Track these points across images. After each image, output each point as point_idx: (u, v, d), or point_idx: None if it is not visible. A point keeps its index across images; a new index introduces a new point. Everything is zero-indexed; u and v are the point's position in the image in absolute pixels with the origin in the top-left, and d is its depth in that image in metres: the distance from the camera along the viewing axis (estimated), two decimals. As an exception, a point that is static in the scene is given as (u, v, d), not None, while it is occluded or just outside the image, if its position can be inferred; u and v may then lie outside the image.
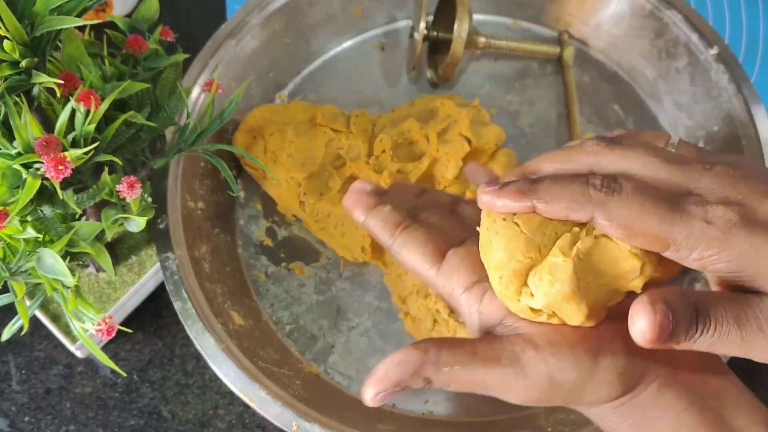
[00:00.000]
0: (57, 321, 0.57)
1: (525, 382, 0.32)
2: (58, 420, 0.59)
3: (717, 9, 0.72)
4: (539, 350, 0.32)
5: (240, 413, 0.59)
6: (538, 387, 0.32)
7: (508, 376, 0.32)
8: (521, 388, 0.32)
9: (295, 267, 0.62)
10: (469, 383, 0.33)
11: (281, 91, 0.68)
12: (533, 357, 0.32)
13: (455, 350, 0.33)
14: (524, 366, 0.32)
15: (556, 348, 0.32)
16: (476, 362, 0.32)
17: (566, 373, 0.32)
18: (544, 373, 0.32)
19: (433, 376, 0.33)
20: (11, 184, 0.41)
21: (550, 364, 0.32)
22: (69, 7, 0.39)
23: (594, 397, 0.33)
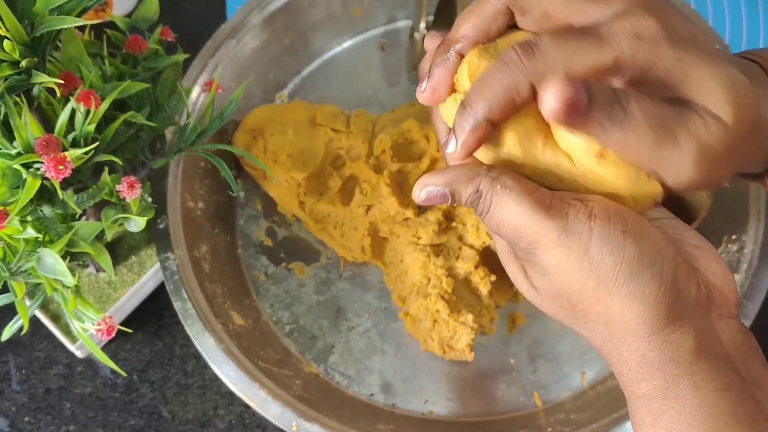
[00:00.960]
0: (57, 321, 0.57)
1: (557, 241, 0.30)
2: (58, 420, 0.59)
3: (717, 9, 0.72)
4: (591, 216, 0.30)
5: (240, 413, 0.59)
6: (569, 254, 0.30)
7: (547, 227, 0.30)
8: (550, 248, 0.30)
9: (295, 267, 0.62)
10: (509, 219, 0.30)
11: (281, 91, 0.68)
12: (582, 221, 0.30)
13: (516, 180, 0.31)
14: (568, 224, 0.30)
15: (609, 224, 0.30)
16: (528, 199, 0.30)
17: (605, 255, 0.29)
18: (581, 242, 0.29)
19: (485, 189, 0.31)
20: (11, 184, 0.41)
21: (594, 235, 0.29)
22: (69, 7, 0.39)
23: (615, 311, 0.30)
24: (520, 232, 0.31)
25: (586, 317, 0.31)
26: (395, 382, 0.58)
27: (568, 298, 0.31)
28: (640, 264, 0.29)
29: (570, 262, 0.30)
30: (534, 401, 0.57)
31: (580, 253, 0.29)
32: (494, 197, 0.31)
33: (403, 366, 0.59)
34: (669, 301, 0.29)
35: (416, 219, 0.59)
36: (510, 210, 0.30)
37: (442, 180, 0.31)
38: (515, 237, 0.31)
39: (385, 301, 0.61)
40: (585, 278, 0.30)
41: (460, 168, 0.32)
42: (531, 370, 0.58)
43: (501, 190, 0.31)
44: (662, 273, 0.29)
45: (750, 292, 0.54)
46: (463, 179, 0.31)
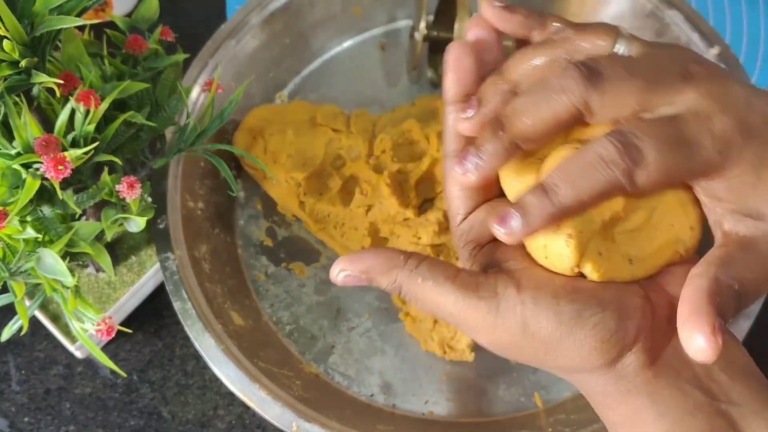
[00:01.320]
0: (57, 321, 0.57)
1: (496, 320, 0.30)
2: (57, 420, 0.59)
3: (717, 9, 0.72)
4: (520, 290, 0.30)
5: (240, 414, 0.59)
6: (509, 329, 0.30)
7: (480, 310, 0.30)
8: (490, 328, 0.30)
9: (295, 267, 0.62)
10: (438, 305, 0.31)
11: (281, 91, 0.68)
12: (512, 295, 0.30)
13: (436, 267, 0.31)
14: (499, 303, 0.30)
15: (539, 292, 0.30)
16: (452, 285, 0.30)
17: (541, 324, 0.30)
18: (518, 315, 0.30)
19: (404, 282, 0.31)
20: (11, 184, 0.41)
21: (527, 307, 0.30)
22: (69, 7, 0.39)
23: (569, 360, 0.30)
24: (456, 317, 0.31)
25: (546, 368, 0.32)
26: (395, 382, 0.58)
27: (521, 358, 0.32)
28: (579, 319, 0.30)
29: (513, 339, 0.30)
30: (534, 401, 0.57)
31: (520, 328, 0.30)
32: (416, 290, 0.31)
33: (404, 366, 0.59)
34: (617, 341, 0.30)
35: (416, 219, 0.59)
36: (436, 300, 0.31)
37: (358, 267, 0.31)
38: (452, 321, 0.31)
39: (386, 301, 0.61)
40: (531, 345, 0.30)
41: (377, 256, 0.31)
42: (531, 371, 0.58)
43: (422, 283, 0.31)
44: (603, 320, 0.30)
45: (750, 292, 0.53)
46: (380, 270, 0.31)
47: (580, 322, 0.30)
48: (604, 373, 0.31)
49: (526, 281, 0.31)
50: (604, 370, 0.31)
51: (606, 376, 0.31)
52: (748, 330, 0.53)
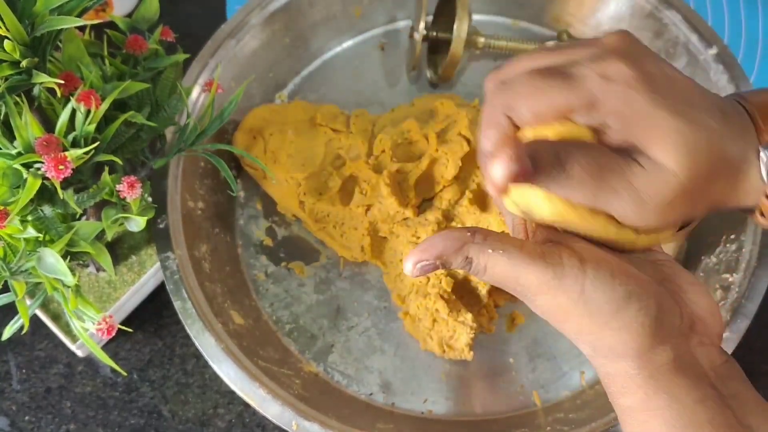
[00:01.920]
0: (57, 320, 0.57)
1: (557, 286, 0.32)
2: (58, 419, 0.59)
3: (716, 9, 0.72)
4: (583, 263, 0.32)
5: (240, 412, 0.59)
6: (568, 294, 0.32)
7: (545, 276, 0.32)
8: (551, 292, 0.32)
9: (295, 267, 0.62)
10: (506, 274, 0.33)
11: (281, 91, 0.68)
12: (575, 267, 0.32)
13: (503, 238, 0.33)
14: (564, 272, 0.32)
15: (599, 267, 0.32)
16: (520, 254, 0.32)
17: (598, 294, 0.32)
18: (578, 285, 0.32)
19: (475, 256, 0.33)
20: (12, 184, 0.41)
21: (588, 278, 0.32)
22: (69, 7, 0.39)
23: (610, 338, 0.33)
24: (520, 283, 0.33)
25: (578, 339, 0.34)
26: (395, 381, 0.58)
27: (566, 326, 0.34)
28: (627, 301, 0.32)
29: (568, 303, 0.33)
30: (533, 400, 0.57)
31: (577, 294, 0.32)
32: (487, 261, 0.33)
33: (403, 365, 0.59)
34: (653, 330, 0.33)
35: (415, 219, 0.60)
36: (505, 268, 0.33)
37: (432, 254, 0.33)
38: (515, 288, 0.33)
39: (385, 300, 0.61)
40: (580, 316, 0.33)
41: (446, 239, 0.33)
42: (530, 370, 0.58)
43: (491, 254, 0.33)
44: (647, 307, 0.33)
45: (749, 292, 0.54)
46: (452, 250, 0.33)
47: (629, 303, 0.32)
48: (635, 359, 0.33)
49: (588, 255, 0.33)
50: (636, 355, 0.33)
51: (635, 362, 0.33)
52: (746, 329, 0.53)
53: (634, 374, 0.33)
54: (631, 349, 0.33)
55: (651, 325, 0.33)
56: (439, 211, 0.59)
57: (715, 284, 0.56)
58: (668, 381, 0.33)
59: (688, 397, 0.33)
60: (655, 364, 0.33)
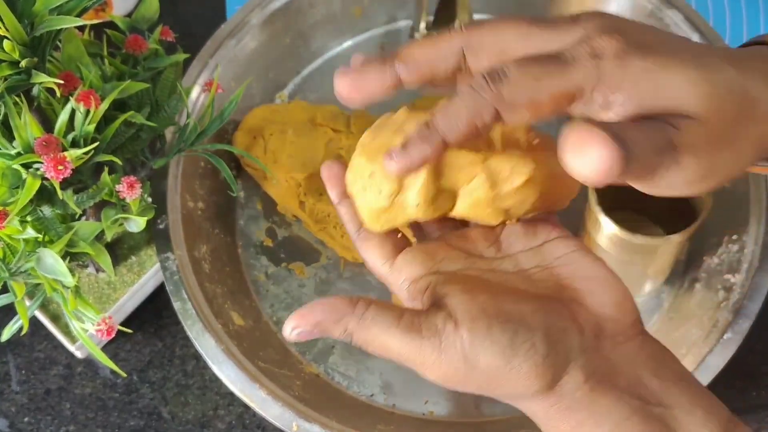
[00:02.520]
0: (57, 321, 0.57)
1: (440, 358, 0.32)
2: (57, 420, 0.59)
3: (717, 9, 0.72)
4: (457, 326, 0.32)
5: (240, 414, 0.59)
6: (453, 365, 0.32)
7: (425, 349, 0.32)
8: (436, 364, 0.32)
9: (295, 267, 0.62)
10: (387, 348, 0.32)
11: (281, 91, 0.68)
12: (451, 333, 0.32)
13: (382, 311, 0.32)
14: (441, 340, 0.32)
15: (474, 325, 0.31)
16: (397, 328, 0.32)
17: (480, 355, 0.31)
18: (458, 352, 0.31)
19: (354, 330, 0.32)
20: (11, 184, 0.41)
21: (465, 341, 0.31)
22: (69, 7, 0.39)
23: (511, 388, 0.32)
24: (404, 358, 0.33)
25: (494, 396, 0.34)
26: (395, 382, 0.58)
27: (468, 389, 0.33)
28: (513, 346, 0.31)
29: (456, 370, 0.32)
30: (534, 401, 0.57)
31: (462, 362, 0.32)
32: (365, 335, 0.32)
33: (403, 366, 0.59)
34: (550, 363, 0.32)
35: (416, 219, 0.59)
36: (385, 344, 0.32)
37: (309, 321, 0.33)
38: (401, 361, 0.33)
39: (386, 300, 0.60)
40: (474, 377, 0.32)
41: (325, 307, 0.33)
42: (531, 371, 0.58)
43: (369, 325, 0.32)
44: (535, 345, 0.31)
45: (750, 292, 0.53)
46: (331, 321, 0.33)
47: (514, 349, 0.31)
48: (545, 396, 0.32)
49: (462, 315, 0.32)
50: (545, 393, 0.32)
51: (548, 398, 0.32)
52: (748, 330, 0.53)
53: (553, 411, 0.32)
54: (535, 390, 0.32)
55: (544, 362, 0.31)
56: (440, 212, 0.59)
57: (717, 285, 0.56)
58: (588, 405, 0.32)
59: (611, 417, 0.32)
60: (568, 394, 0.32)
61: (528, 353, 0.31)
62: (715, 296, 0.55)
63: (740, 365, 0.53)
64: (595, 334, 0.33)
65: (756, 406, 0.58)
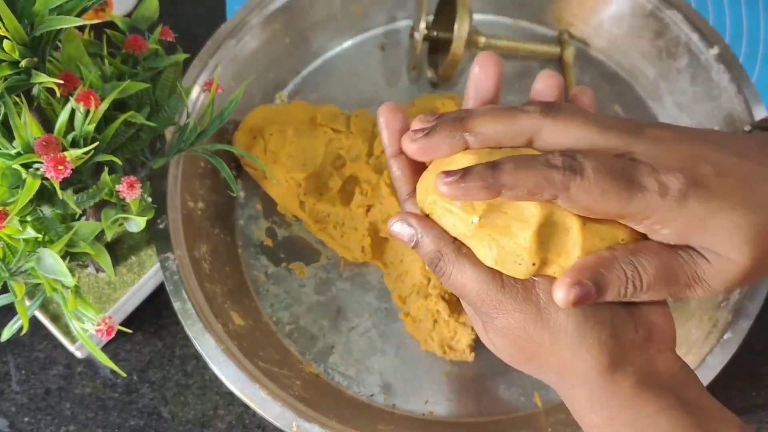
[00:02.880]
0: (57, 321, 0.57)
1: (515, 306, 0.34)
2: (57, 420, 0.59)
3: (717, 9, 0.72)
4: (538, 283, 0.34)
5: (240, 414, 0.59)
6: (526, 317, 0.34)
7: (504, 294, 0.34)
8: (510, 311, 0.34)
9: (295, 267, 0.62)
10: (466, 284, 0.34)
11: (281, 91, 0.68)
12: (532, 285, 0.34)
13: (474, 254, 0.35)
14: (521, 287, 0.34)
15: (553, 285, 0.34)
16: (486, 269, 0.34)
17: (553, 313, 0.33)
18: (535, 303, 0.34)
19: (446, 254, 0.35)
20: (11, 184, 0.41)
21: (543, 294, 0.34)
22: (69, 7, 0.39)
23: (570, 357, 0.34)
24: (482, 297, 0.34)
25: (541, 367, 0.36)
26: (395, 382, 0.58)
27: (525, 353, 0.35)
28: (583, 318, 0.34)
29: (527, 323, 0.34)
30: (534, 401, 0.57)
31: (535, 313, 0.34)
32: (456, 262, 0.34)
33: (404, 366, 0.59)
34: (610, 346, 0.34)
35: (416, 219, 0.59)
36: (471, 276, 0.34)
37: (417, 223, 0.35)
38: (477, 301, 0.35)
39: (386, 301, 0.61)
40: (540, 335, 0.34)
41: (434, 225, 0.35)
42: (531, 371, 0.58)
43: (463, 258, 0.34)
44: (602, 323, 0.34)
45: (750, 292, 0.53)
46: (433, 233, 0.35)
47: (586, 320, 0.34)
48: (596, 377, 0.34)
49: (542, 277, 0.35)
50: (599, 377, 0.34)
51: (597, 381, 0.34)
52: (748, 330, 0.53)
53: (598, 394, 0.34)
54: (594, 371, 0.34)
55: (608, 341, 0.33)
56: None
57: (717, 285, 0.56)
58: (631, 396, 0.34)
59: (649, 407, 0.33)
60: (617, 383, 0.34)
61: (594, 328, 0.34)
62: (715, 296, 0.55)
63: (740, 365, 0.53)
64: (645, 336, 0.35)
65: (756, 406, 0.58)
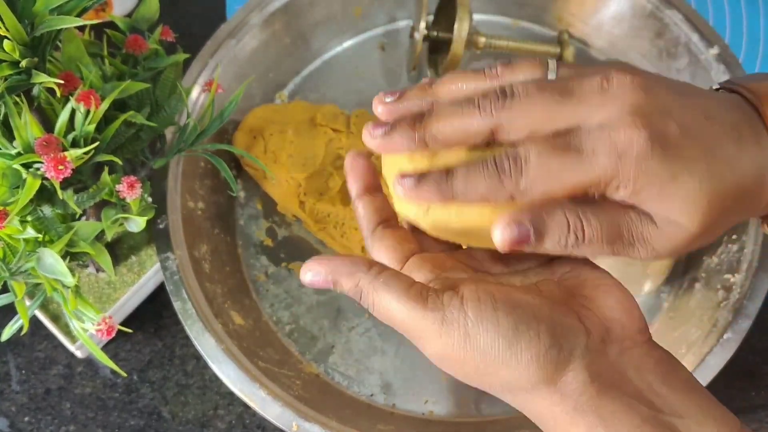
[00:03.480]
0: (57, 321, 0.57)
1: (440, 331, 0.32)
2: (57, 420, 0.59)
3: (717, 9, 0.72)
4: (463, 302, 0.32)
5: (240, 413, 0.59)
6: (453, 340, 0.32)
7: (427, 320, 0.32)
8: (436, 337, 0.32)
9: (295, 267, 0.62)
10: (391, 314, 0.33)
11: (281, 91, 0.68)
12: (456, 307, 0.32)
13: (395, 277, 0.33)
14: (444, 314, 0.32)
15: (479, 305, 0.32)
16: (406, 295, 0.32)
17: (481, 334, 0.31)
18: (460, 327, 0.31)
19: (364, 287, 0.33)
20: (11, 184, 0.41)
21: (469, 317, 0.31)
22: (69, 7, 0.39)
23: (509, 375, 0.32)
24: (406, 326, 0.33)
25: (490, 388, 0.34)
26: (395, 382, 0.58)
27: (468, 376, 0.33)
28: (516, 332, 0.31)
29: (455, 347, 0.32)
30: (534, 401, 0.57)
31: (462, 339, 0.32)
32: (374, 296, 0.33)
33: (404, 366, 0.59)
34: (552, 357, 0.31)
35: (416, 219, 0.59)
36: (391, 307, 0.33)
37: (326, 268, 0.34)
38: (404, 330, 0.33)
39: (385, 301, 0.61)
40: (472, 357, 0.32)
41: (343, 260, 0.34)
42: (531, 371, 0.58)
43: (380, 287, 0.33)
44: (539, 335, 0.31)
45: (750, 292, 0.54)
46: (345, 271, 0.33)
47: (518, 335, 0.31)
48: (548, 392, 0.32)
49: (469, 294, 0.32)
50: (547, 388, 0.32)
51: (551, 396, 0.32)
52: (748, 330, 0.53)
53: (558, 410, 0.32)
54: (534, 381, 0.32)
55: (549, 352, 0.31)
56: (440, 212, 0.59)
57: (717, 284, 0.56)
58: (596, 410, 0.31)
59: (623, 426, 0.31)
60: (575, 395, 0.31)
61: (531, 342, 0.31)
62: (715, 296, 0.55)
63: (740, 365, 0.53)
64: (601, 338, 0.33)
65: (756, 406, 0.58)
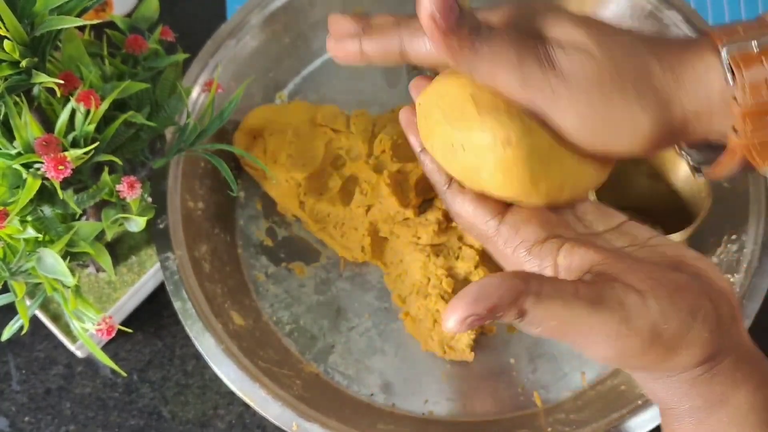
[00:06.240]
0: (57, 321, 0.57)
1: (627, 329, 0.29)
2: (58, 420, 0.59)
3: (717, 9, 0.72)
4: (643, 295, 0.30)
5: (240, 413, 0.59)
6: (640, 335, 0.30)
7: (611, 322, 0.29)
8: (623, 336, 0.30)
9: (295, 267, 0.62)
10: (565, 325, 0.29)
11: (281, 91, 0.68)
12: (637, 301, 0.30)
13: (559, 285, 0.30)
14: (628, 311, 0.30)
15: (658, 293, 0.30)
16: (579, 301, 0.29)
17: (669, 321, 0.30)
18: (647, 319, 0.30)
19: (531, 308, 0.28)
20: (11, 184, 0.41)
21: (653, 309, 0.30)
22: (69, 7, 0.39)
23: (685, 356, 0.31)
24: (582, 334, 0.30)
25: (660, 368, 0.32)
26: (395, 382, 0.58)
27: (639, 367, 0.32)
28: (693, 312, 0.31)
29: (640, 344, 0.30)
30: (534, 401, 0.57)
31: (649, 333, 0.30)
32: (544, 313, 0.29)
33: (403, 366, 0.59)
34: (716, 336, 0.31)
35: (416, 219, 0.59)
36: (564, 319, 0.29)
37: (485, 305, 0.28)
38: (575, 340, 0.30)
39: (385, 301, 0.61)
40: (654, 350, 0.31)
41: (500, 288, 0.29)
42: (531, 370, 0.58)
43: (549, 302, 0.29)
44: (708, 311, 0.31)
45: (750, 292, 0.54)
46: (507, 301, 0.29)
47: (694, 316, 0.31)
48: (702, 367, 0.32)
49: (640, 284, 0.31)
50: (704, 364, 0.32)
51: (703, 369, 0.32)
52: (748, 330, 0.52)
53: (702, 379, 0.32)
54: (700, 359, 0.31)
55: (718, 328, 0.31)
56: (440, 211, 0.59)
57: (717, 284, 0.56)
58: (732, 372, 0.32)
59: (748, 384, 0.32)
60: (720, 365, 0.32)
61: (705, 319, 0.31)
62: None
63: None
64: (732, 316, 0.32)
65: (755, 406, 0.58)
